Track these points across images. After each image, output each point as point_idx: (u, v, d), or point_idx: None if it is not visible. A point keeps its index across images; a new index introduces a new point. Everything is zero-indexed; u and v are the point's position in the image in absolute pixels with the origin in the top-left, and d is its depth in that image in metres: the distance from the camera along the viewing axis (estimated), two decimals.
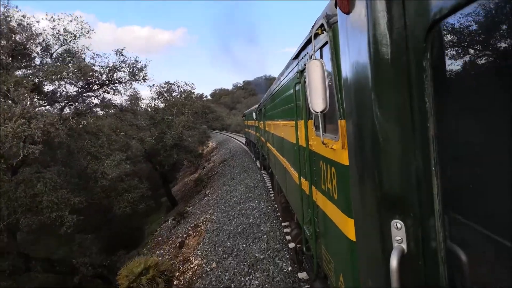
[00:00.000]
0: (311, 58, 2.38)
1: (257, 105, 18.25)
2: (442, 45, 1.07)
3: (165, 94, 29.19)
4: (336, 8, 1.54)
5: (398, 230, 1.18)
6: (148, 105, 27.50)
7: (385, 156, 1.24)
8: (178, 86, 30.06)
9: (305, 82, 3.70)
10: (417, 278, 1.16)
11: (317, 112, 2.38)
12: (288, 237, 9.05)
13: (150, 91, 28.38)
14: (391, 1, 1.16)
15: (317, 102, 2.33)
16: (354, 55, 1.40)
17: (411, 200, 1.16)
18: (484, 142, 1.00)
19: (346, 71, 1.51)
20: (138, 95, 25.91)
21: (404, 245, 1.17)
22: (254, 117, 19.49)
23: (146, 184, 20.94)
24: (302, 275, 6.94)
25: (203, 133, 37.97)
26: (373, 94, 1.25)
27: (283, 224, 10.00)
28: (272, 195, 13.72)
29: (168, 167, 26.90)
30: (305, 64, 3.69)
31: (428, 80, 1.09)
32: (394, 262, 1.12)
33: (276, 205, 11.95)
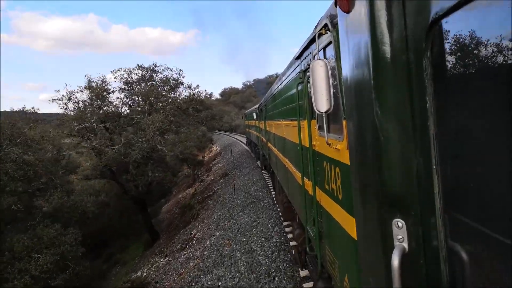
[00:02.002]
0: (314, 58, 2.38)
1: (257, 105, 18.17)
2: (442, 44, 1.08)
3: (142, 85, 20.71)
4: (336, 7, 1.55)
5: (399, 229, 1.18)
6: (123, 100, 19.79)
7: (386, 155, 1.24)
8: (156, 72, 21.14)
9: (308, 82, 3.70)
10: (418, 277, 1.16)
11: (322, 112, 2.38)
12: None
13: (115, 79, 20.84)
14: (391, 0, 1.16)
15: (322, 102, 2.33)
16: (355, 54, 1.40)
17: (412, 199, 1.16)
18: (485, 141, 1.00)
19: (347, 70, 1.51)
20: (106, 85, 18.55)
21: (405, 244, 1.17)
22: (255, 117, 19.37)
23: (76, 231, 12.80)
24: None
25: (202, 136, 31.00)
26: (373, 93, 1.25)
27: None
28: None
29: (143, 189, 18.73)
30: (308, 64, 3.69)
31: (428, 79, 1.09)
32: (395, 261, 1.12)
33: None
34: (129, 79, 20.67)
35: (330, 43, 2.89)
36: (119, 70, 20.38)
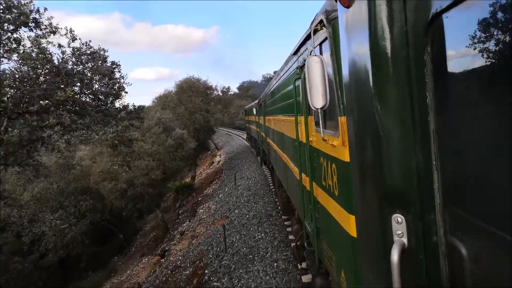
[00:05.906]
0: (310, 54, 2.38)
1: (257, 101, 18.15)
2: (442, 39, 1.07)
3: None
4: (337, 2, 1.53)
5: (398, 224, 1.18)
6: None
7: (386, 150, 1.24)
8: None
9: (305, 78, 3.70)
10: (417, 272, 1.16)
11: (317, 109, 2.38)
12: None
13: None
14: None
15: (317, 98, 2.34)
16: (354, 50, 1.39)
17: (411, 194, 1.16)
18: (485, 137, 1.00)
19: (346, 65, 1.50)
20: None
21: (405, 240, 1.17)
22: (254, 112, 19.35)
23: None
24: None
25: (176, 149, 18.26)
26: (373, 88, 1.25)
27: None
28: None
29: None
30: (304, 60, 3.68)
31: (429, 75, 1.08)
32: (395, 256, 1.12)
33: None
34: None
35: (326, 39, 2.88)
36: None
